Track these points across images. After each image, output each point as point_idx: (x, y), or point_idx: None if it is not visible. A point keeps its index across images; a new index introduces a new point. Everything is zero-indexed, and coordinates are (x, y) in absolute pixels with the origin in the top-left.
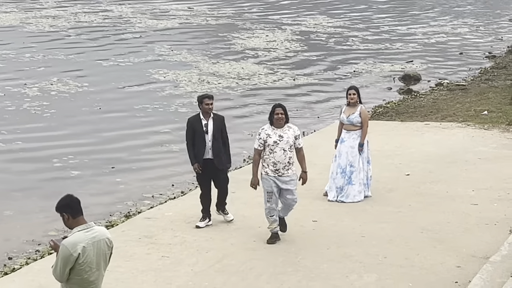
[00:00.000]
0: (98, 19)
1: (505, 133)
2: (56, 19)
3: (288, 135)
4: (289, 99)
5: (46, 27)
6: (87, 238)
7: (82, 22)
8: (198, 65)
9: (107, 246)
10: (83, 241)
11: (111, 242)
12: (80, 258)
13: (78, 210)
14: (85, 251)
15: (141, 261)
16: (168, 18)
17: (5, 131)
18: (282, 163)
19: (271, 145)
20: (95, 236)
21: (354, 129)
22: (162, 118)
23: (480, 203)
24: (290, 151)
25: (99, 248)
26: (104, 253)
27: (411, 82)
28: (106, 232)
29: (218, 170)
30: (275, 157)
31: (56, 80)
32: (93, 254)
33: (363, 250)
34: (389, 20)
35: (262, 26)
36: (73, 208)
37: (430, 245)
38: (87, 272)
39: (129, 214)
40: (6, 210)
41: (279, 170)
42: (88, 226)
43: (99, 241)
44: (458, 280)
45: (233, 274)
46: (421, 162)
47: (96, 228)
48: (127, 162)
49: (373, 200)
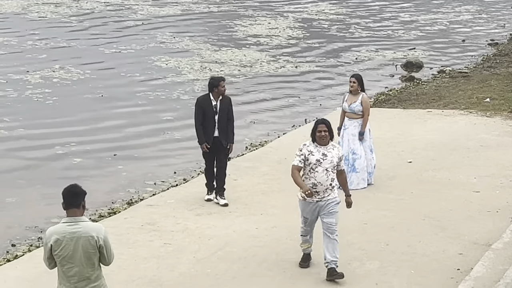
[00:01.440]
0: (100, 6)
1: (507, 121)
2: (58, 6)
3: (333, 155)
4: (291, 86)
5: (48, 14)
6: (66, 232)
7: (84, 9)
8: (200, 53)
9: (90, 244)
10: (59, 233)
11: (99, 240)
12: (53, 248)
13: (69, 203)
14: (58, 243)
15: (144, 248)
16: (170, 5)
17: (7, 118)
18: (324, 185)
19: (313, 163)
20: (76, 232)
21: (355, 117)
22: (164, 105)
23: (482, 190)
24: (333, 172)
25: (78, 245)
26: (86, 251)
27: (414, 69)
28: (92, 230)
29: (222, 148)
30: (316, 178)
31: (58, 68)
32: (70, 249)
33: (365, 237)
34: (392, 7)
35: (264, 13)
36: (65, 200)
37: (432, 232)
38: (64, 265)
39: (131, 202)
40: (9, 197)
41: (319, 193)
42: (73, 220)
43: (79, 238)
44: (460, 267)
45: (236, 261)
46: (423, 149)
47: (82, 224)
48: (129, 149)
49: (375, 188)
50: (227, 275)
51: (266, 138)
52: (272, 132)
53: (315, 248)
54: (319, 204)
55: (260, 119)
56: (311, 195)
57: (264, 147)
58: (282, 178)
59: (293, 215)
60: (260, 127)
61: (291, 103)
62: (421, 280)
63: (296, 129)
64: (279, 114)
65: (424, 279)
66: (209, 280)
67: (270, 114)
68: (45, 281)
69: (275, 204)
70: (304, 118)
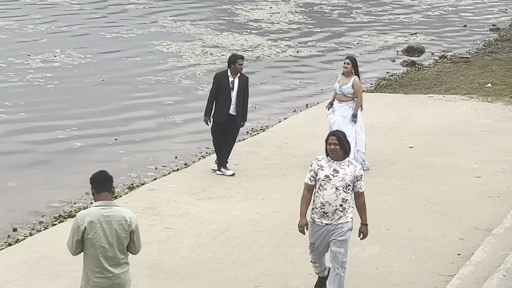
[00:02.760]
0: None
1: (508, 106)
2: None
3: (346, 172)
4: (292, 70)
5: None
6: (100, 214)
7: None
8: (201, 37)
9: (123, 228)
10: (93, 216)
11: (130, 224)
12: (87, 231)
13: (102, 187)
14: (92, 226)
15: (145, 233)
16: None
17: (8, 102)
18: (332, 205)
19: (322, 179)
20: (109, 215)
21: (345, 99)
22: (165, 90)
23: (483, 175)
24: (345, 192)
25: (111, 228)
26: (117, 234)
27: (415, 54)
28: (124, 214)
29: (235, 126)
30: (324, 196)
31: (59, 52)
32: (104, 232)
33: None
34: None
35: None
36: (98, 184)
37: (433, 217)
38: (97, 249)
39: (132, 186)
40: (10, 181)
41: (328, 215)
42: (107, 204)
43: (111, 221)
44: (461, 252)
45: (236, 245)
46: (424, 134)
47: (115, 208)
48: (130, 133)
49: (376, 172)
50: (228, 260)
51: (267, 122)
52: (273, 116)
53: None
54: (327, 228)
55: (261, 103)
56: (304, 233)
57: (265, 131)
58: (283, 163)
59: (295, 199)
60: (261, 111)
61: (292, 88)
62: (421, 265)
63: (297, 114)
64: (280, 99)
65: (425, 264)
66: (210, 264)
67: (271, 98)
68: (45, 265)
69: (276, 188)
70: (305, 102)
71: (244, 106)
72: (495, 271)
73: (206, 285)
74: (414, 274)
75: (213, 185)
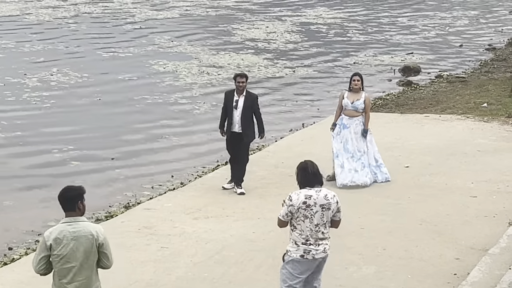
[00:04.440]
0: (98, 9)
1: (504, 126)
2: (56, 10)
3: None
4: (289, 90)
5: (46, 17)
6: (66, 231)
7: (82, 12)
8: (198, 56)
9: (90, 243)
10: (59, 233)
11: (98, 239)
12: (53, 248)
13: (66, 206)
14: (59, 242)
15: (141, 252)
16: (168, 9)
17: (4, 121)
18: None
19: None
20: (76, 231)
21: (356, 115)
22: (162, 109)
23: (479, 195)
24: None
25: (78, 243)
26: (86, 250)
27: (411, 74)
28: (91, 229)
29: (243, 143)
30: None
31: (56, 71)
32: (71, 248)
33: (362, 241)
34: (390, 12)
35: (262, 17)
36: (62, 202)
37: (429, 237)
38: (63, 265)
39: (128, 205)
40: (6, 200)
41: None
42: (73, 220)
43: (79, 237)
44: (457, 272)
45: (233, 265)
46: (420, 154)
47: (82, 224)
48: (126, 153)
49: (373, 192)
50: (224, 279)
51: (264, 142)
52: (270, 136)
53: None
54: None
55: None
56: None
57: (261, 151)
58: (279, 182)
59: None
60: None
61: (288, 108)
62: (417, 285)
63: (294, 133)
64: (277, 118)
65: (421, 283)
66: (206, 284)
67: (267, 118)
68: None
69: (272, 208)
70: (302, 122)
71: (258, 123)
72: None
73: None
74: None
75: (209, 204)
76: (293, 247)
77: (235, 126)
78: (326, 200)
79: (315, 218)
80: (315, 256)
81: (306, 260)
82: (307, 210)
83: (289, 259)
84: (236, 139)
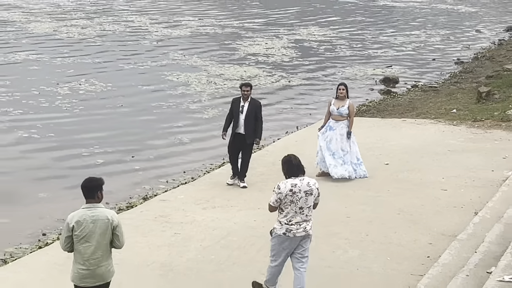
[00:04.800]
0: (121, 28)
1: (471, 129)
2: (84, 29)
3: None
4: (285, 97)
5: (76, 35)
6: (86, 215)
7: (106, 30)
8: (206, 68)
9: (105, 225)
10: (80, 216)
11: (113, 222)
12: (75, 229)
13: (87, 194)
14: (80, 224)
15: (157, 237)
16: (181, 28)
17: (40, 124)
18: None
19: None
20: (94, 215)
21: (341, 119)
22: (175, 114)
23: (449, 189)
24: None
25: (96, 226)
26: (102, 232)
27: (390, 84)
28: (107, 214)
29: (246, 144)
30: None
31: (84, 81)
32: (89, 230)
33: (348, 229)
34: (372, 30)
35: (262, 35)
36: (83, 192)
37: (405, 225)
38: (82, 244)
39: (146, 197)
40: (41, 192)
41: None
42: (92, 206)
43: (97, 220)
44: (430, 255)
45: (236, 249)
46: (398, 153)
47: (99, 209)
48: (145, 151)
49: (356, 186)
50: (228, 261)
51: (263, 142)
52: (268, 137)
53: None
54: None
55: None
56: None
57: (261, 150)
58: (276, 177)
59: None
60: None
61: (284, 112)
62: (396, 266)
63: (289, 135)
64: (274, 121)
65: (399, 265)
66: (213, 265)
67: (266, 121)
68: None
69: None
70: (296, 125)
71: (257, 127)
72: (459, 271)
73: (210, 283)
74: (390, 274)
75: (216, 196)
76: (278, 225)
77: (240, 128)
78: (308, 187)
79: (299, 203)
80: (296, 234)
81: (288, 237)
82: (293, 196)
83: (274, 235)
84: (240, 140)
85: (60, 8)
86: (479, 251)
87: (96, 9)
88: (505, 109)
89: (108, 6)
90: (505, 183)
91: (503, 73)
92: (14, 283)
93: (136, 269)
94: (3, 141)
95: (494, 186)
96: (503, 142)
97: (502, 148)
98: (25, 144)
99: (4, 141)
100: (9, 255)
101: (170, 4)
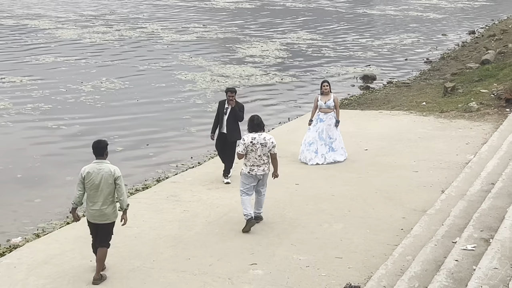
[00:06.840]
0: (136, 34)
1: (438, 119)
2: (105, 34)
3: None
4: (278, 93)
5: (97, 40)
6: (95, 168)
7: (124, 36)
8: (210, 68)
9: (109, 176)
10: (90, 168)
11: (115, 174)
12: (86, 178)
13: (97, 152)
14: (89, 174)
15: (168, 214)
16: (188, 33)
17: (66, 117)
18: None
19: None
20: (101, 168)
21: (329, 111)
22: (183, 107)
23: (420, 170)
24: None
25: (101, 177)
26: (106, 182)
27: (369, 80)
28: (111, 168)
29: (228, 142)
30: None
31: (104, 80)
32: (96, 180)
33: (333, 205)
34: (353, 35)
35: (258, 39)
36: (94, 151)
37: (382, 202)
38: (91, 190)
39: (159, 179)
40: (68, 176)
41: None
42: (100, 162)
43: (101, 172)
44: (403, 228)
45: (237, 223)
46: (376, 140)
47: (105, 165)
48: (157, 140)
49: (340, 168)
50: (230, 234)
51: None
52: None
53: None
54: None
55: None
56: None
57: None
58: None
59: (279, 189)
60: None
61: (278, 105)
62: (374, 237)
63: (281, 125)
64: (269, 113)
65: (377, 236)
66: (217, 237)
67: (261, 113)
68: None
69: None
70: (287, 116)
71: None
72: (429, 241)
73: (215, 253)
74: (369, 244)
75: (219, 178)
76: (244, 167)
77: (224, 128)
78: (264, 141)
79: (258, 151)
80: (257, 173)
81: (251, 175)
82: (253, 146)
83: (242, 174)
84: (224, 138)
85: (83, 17)
86: (446, 224)
87: (115, 18)
88: (467, 102)
89: (125, 15)
90: (468, 165)
91: (466, 71)
92: (46, 254)
93: (151, 241)
94: (35, 132)
95: (458, 168)
96: (465, 130)
97: (465, 136)
98: (53, 134)
99: (36, 132)
100: (41, 230)
101: (180, 13)
